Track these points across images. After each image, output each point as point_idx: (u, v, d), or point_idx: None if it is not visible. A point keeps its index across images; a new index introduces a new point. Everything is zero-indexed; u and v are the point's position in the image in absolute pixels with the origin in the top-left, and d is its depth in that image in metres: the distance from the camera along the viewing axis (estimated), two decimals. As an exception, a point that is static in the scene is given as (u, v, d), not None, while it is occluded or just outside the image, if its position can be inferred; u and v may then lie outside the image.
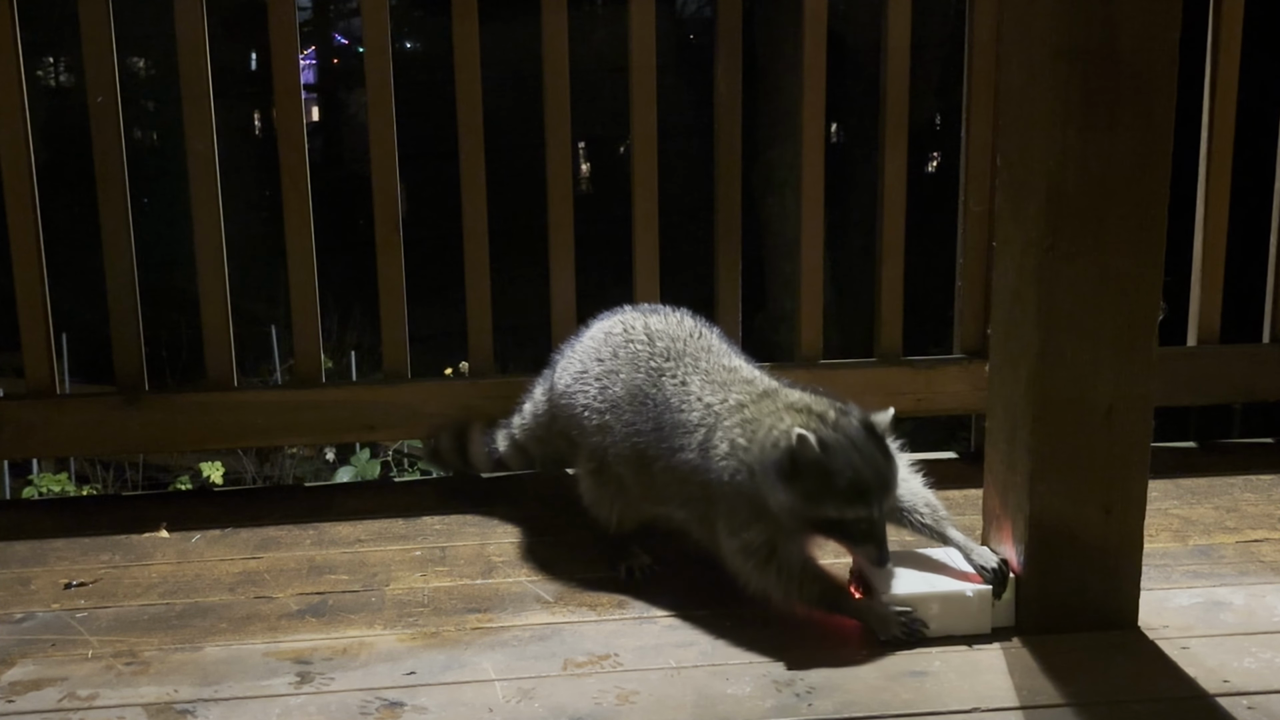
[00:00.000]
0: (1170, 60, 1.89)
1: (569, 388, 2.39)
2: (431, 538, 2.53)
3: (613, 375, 2.30)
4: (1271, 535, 2.46)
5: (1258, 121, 3.13)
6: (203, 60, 2.70)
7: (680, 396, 2.18)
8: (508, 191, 3.82)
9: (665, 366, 2.24)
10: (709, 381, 2.19)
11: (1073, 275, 1.94)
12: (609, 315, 2.47)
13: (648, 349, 2.29)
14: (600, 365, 2.34)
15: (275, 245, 2.87)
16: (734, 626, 2.09)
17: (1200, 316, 3.04)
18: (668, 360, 2.25)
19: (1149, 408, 1.99)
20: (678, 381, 2.21)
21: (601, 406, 2.30)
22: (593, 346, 2.40)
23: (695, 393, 2.17)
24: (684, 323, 2.36)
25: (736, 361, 2.28)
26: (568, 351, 2.48)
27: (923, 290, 3.82)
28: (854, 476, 1.96)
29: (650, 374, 2.25)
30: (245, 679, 1.95)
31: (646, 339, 2.31)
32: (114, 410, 2.77)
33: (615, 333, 2.38)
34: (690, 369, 2.22)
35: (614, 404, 2.28)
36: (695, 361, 2.24)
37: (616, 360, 2.32)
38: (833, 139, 9.70)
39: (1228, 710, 1.82)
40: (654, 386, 2.23)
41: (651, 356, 2.27)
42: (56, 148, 7.50)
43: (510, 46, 4.82)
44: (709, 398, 2.16)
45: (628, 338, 2.34)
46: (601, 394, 2.31)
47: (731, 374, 2.21)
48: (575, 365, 2.41)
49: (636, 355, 2.29)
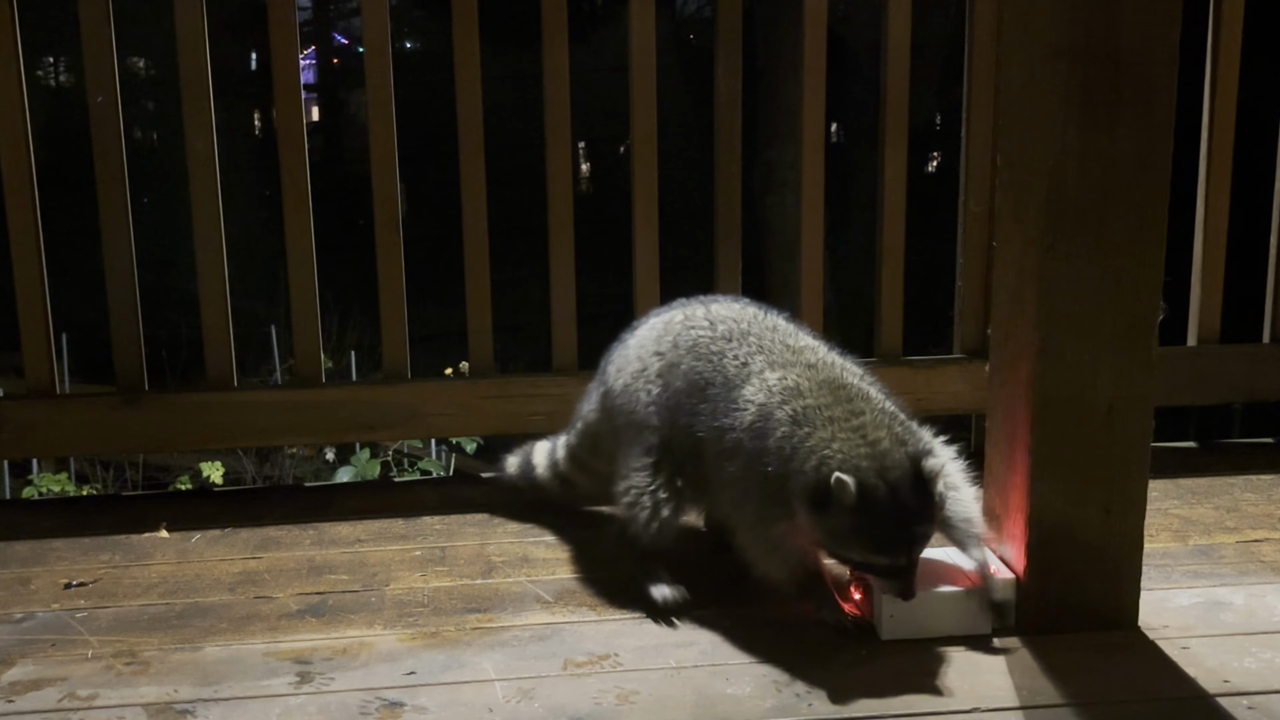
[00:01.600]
0: (1170, 60, 1.89)
1: (628, 386, 2.29)
2: (431, 538, 2.53)
3: (674, 368, 2.22)
4: (1271, 535, 2.46)
5: (1258, 122, 3.13)
6: (203, 60, 2.70)
7: (740, 374, 2.11)
8: (508, 191, 3.82)
9: (727, 348, 2.17)
10: (771, 362, 2.11)
11: (1073, 275, 1.94)
12: (665, 310, 2.38)
13: (709, 333, 2.21)
14: (660, 360, 2.25)
15: (275, 245, 2.87)
16: (734, 626, 2.09)
17: (1200, 316, 3.04)
18: (730, 341, 2.18)
19: (1149, 407, 1.99)
20: (739, 362, 2.13)
21: (665, 400, 2.22)
22: (651, 338, 2.31)
23: (755, 369, 2.10)
24: (746, 308, 2.28)
25: (804, 340, 2.19)
26: (620, 351, 2.37)
27: (923, 290, 3.82)
28: (884, 529, 1.90)
29: (712, 358, 2.17)
30: (245, 679, 1.95)
31: (708, 324, 2.23)
32: (114, 410, 2.77)
33: (675, 321, 2.30)
34: (754, 348, 2.15)
35: (675, 395, 2.20)
36: (759, 340, 2.16)
37: (678, 351, 2.23)
38: (833, 139, 9.70)
39: (1228, 710, 1.82)
40: (715, 370, 2.15)
41: (713, 340, 2.20)
42: (56, 148, 7.50)
43: (511, 46, 4.82)
44: (769, 375, 2.08)
45: (688, 324, 2.26)
46: (665, 389, 2.22)
47: (796, 355, 2.13)
48: (633, 364, 2.31)
49: (697, 341, 2.21)
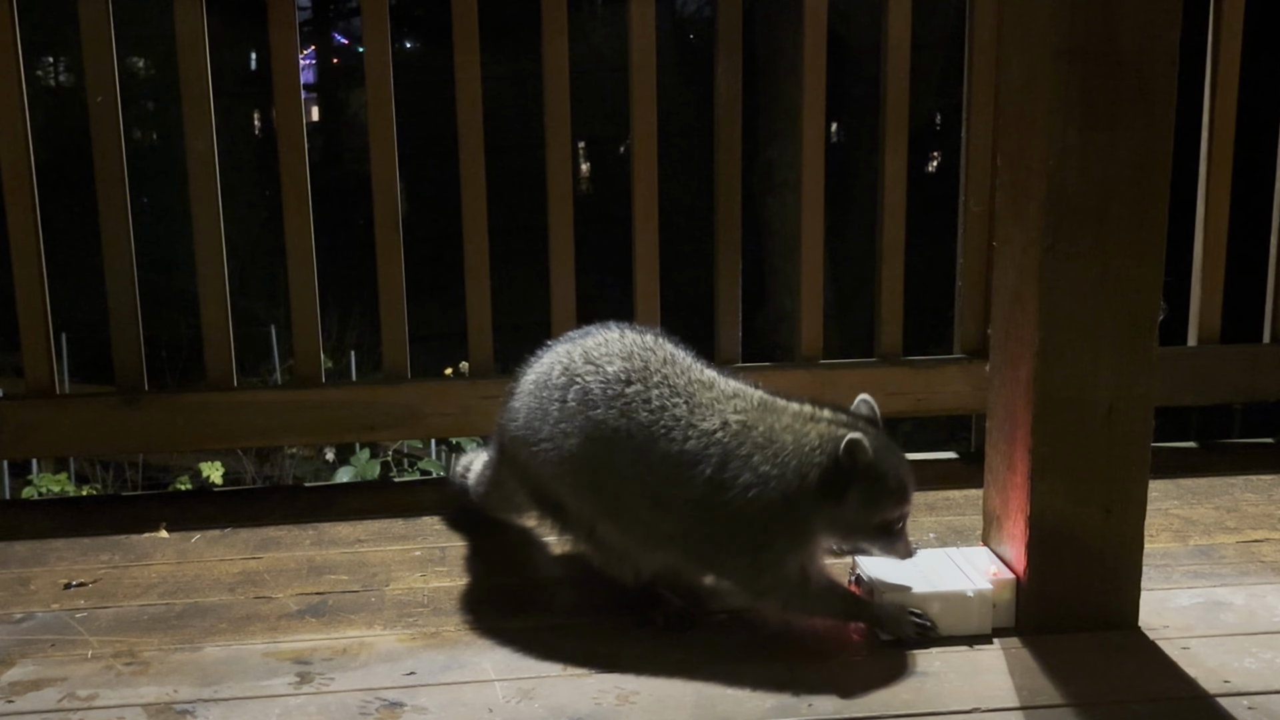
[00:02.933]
0: (1170, 60, 1.89)
1: (527, 458, 2.11)
2: (431, 538, 2.53)
3: (565, 431, 2.03)
4: (1272, 535, 2.46)
5: (1258, 121, 3.13)
6: (203, 60, 2.70)
7: (666, 425, 1.95)
8: (508, 191, 3.82)
9: (629, 392, 1.99)
10: (694, 405, 1.97)
11: (1073, 275, 1.94)
12: (538, 358, 2.18)
13: (599, 379, 2.02)
14: (549, 425, 2.05)
15: (275, 245, 2.87)
16: (734, 627, 2.09)
17: (1200, 316, 3.04)
18: (630, 384, 2.00)
19: (1149, 408, 1.99)
20: (654, 407, 1.97)
21: (567, 469, 2.04)
22: (535, 404, 2.10)
23: (684, 419, 1.96)
24: (626, 336, 2.09)
25: (709, 374, 2.05)
26: (510, 408, 2.18)
27: (923, 290, 3.82)
28: (901, 473, 1.94)
29: (616, 406, 1.99)
30: (245, 679, 1.95)
31: (594, 368, 2.03)
32: (114, 410, 2.77)
33: (553, 376, 2.08)
34: (665, 390, 1.99)
35: (580, 461, 2.02)
36: (665, 380, 2.00)
37: (566, 408, 2.03)
38: (833, 139, 9.70)
39: (1228, 710, 1.82)
40: (624, 419, 1.98)
41: (608, 385, 2.01)
42: (56, 148, 7.49)
43: (510, 46, 4.82)
44: (703, 424, 1.95)
45: (570, 376, 2.05)
46: (559, 454, 2.03)
47: (712, 390, 2.00)
48: (522, 429, 2.12)
49: (588, 391, 2.02)
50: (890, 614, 2.01)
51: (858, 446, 1.88)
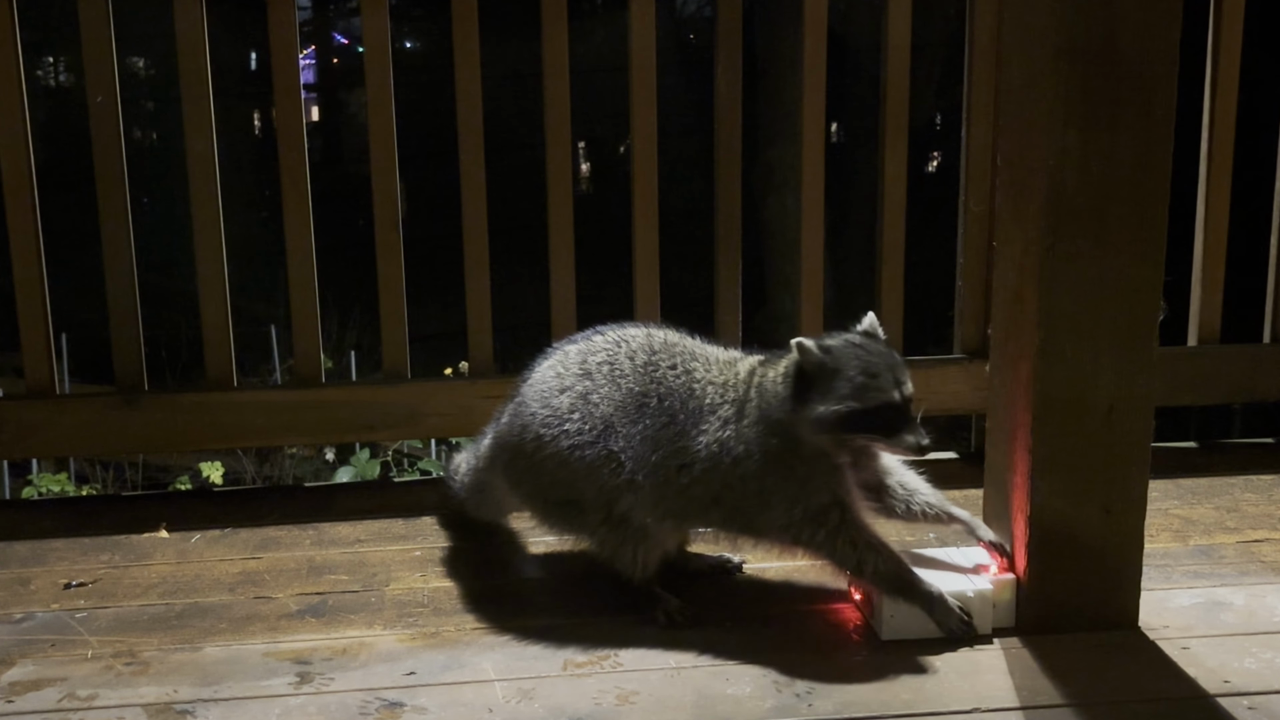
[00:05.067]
0: (1170, 60, 1.89)
1: (541, 435, 2.13)
2: (431, 538, 2.53)
3: (586, 398, 2.10)
4: (1272, 535, 2.46)
5: (1258, 121, 3.13)
6: (203, 60, 2.70)
7: (687, 384, 2.09)
8: (507, 191, 3.82)
9: (655, 360, 2.12)
10: (708, 364, 2.12)
11: (1073, 275, 1.94)
12: (552, 352, 2.24)
13: (625, 353, 2.14)
14: (569, 395, 2.12)
15: (275, 245, 2.87)
16: (734, 627, 2.09)
17: (1200, 316, 3.04)
18: (653, 354, 2.13)
19: (1149, 407, 1.99)
20: (678, 371, 2.10)
21: (593, 436, 2.09)
22: (553, 377, 2.16)
23: (701, 378, 2.09)
24: (639, 328, 2.22)
25: (710, 348, 2.19)
26: (515, 402, 2.21)
27: (923, 290, 3.82)
28: (864, 365, 1.98)
29: (640, 373, 2.11)
30: (245, 679, 1.95)
31: (614, 344, 2.16)
32: (114, 410, 2.77)
33: (572, 354, 2.18)
34: (684, 356, 2.13)
35: (607, 424, 2.09)
36: (682, 352, 2.14)
37: (590, 380, 2.12)
38: (833, 139, 9.70)
39: (1228, 710, 1.82)
40: (652, 382, 2.09)
41: (633, 355, 2.13)
42: (56, 148, 7.50)
43: (510, 47, 4.83)
44: (717, 378, 2.09)
45: (589, 351, 2.16)
46: (587, 419, 2.09)
47: (714, 355, 2.16)
48: (540, 411, 2.14)
49: (614, 363, 2.13)
50: (942, 602, 2.01)
51: (801, 345, 1.98)
